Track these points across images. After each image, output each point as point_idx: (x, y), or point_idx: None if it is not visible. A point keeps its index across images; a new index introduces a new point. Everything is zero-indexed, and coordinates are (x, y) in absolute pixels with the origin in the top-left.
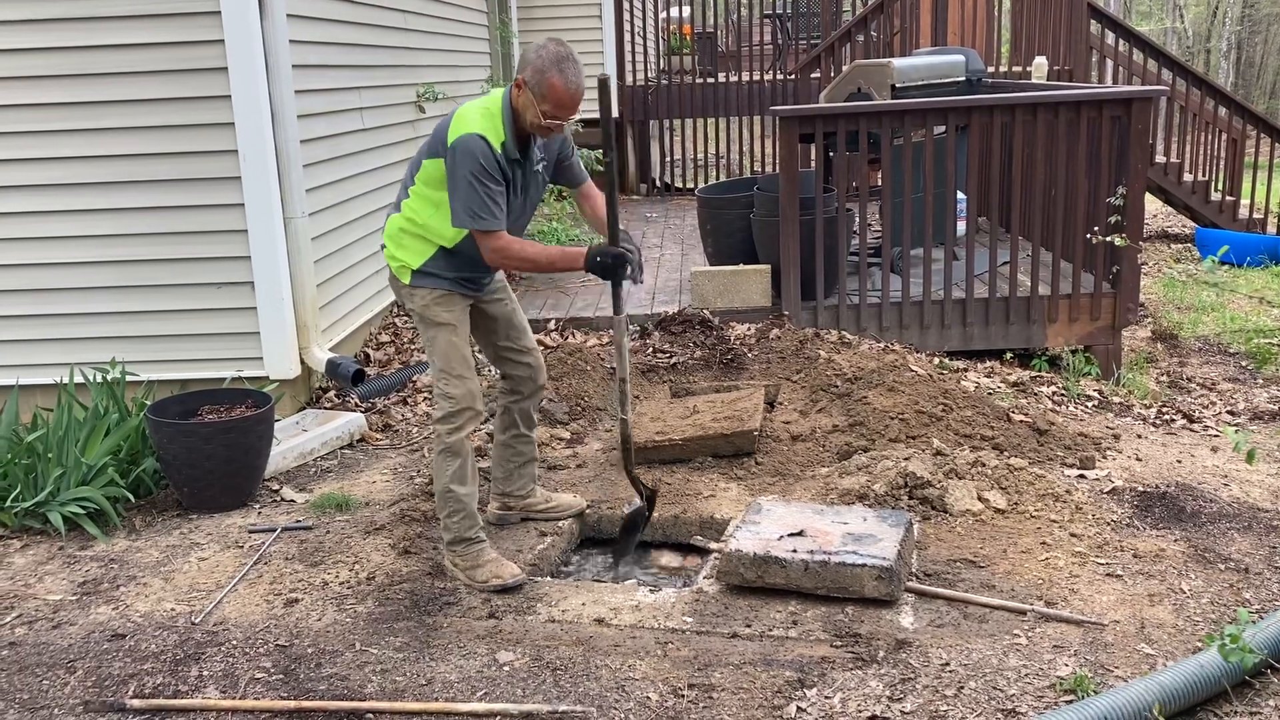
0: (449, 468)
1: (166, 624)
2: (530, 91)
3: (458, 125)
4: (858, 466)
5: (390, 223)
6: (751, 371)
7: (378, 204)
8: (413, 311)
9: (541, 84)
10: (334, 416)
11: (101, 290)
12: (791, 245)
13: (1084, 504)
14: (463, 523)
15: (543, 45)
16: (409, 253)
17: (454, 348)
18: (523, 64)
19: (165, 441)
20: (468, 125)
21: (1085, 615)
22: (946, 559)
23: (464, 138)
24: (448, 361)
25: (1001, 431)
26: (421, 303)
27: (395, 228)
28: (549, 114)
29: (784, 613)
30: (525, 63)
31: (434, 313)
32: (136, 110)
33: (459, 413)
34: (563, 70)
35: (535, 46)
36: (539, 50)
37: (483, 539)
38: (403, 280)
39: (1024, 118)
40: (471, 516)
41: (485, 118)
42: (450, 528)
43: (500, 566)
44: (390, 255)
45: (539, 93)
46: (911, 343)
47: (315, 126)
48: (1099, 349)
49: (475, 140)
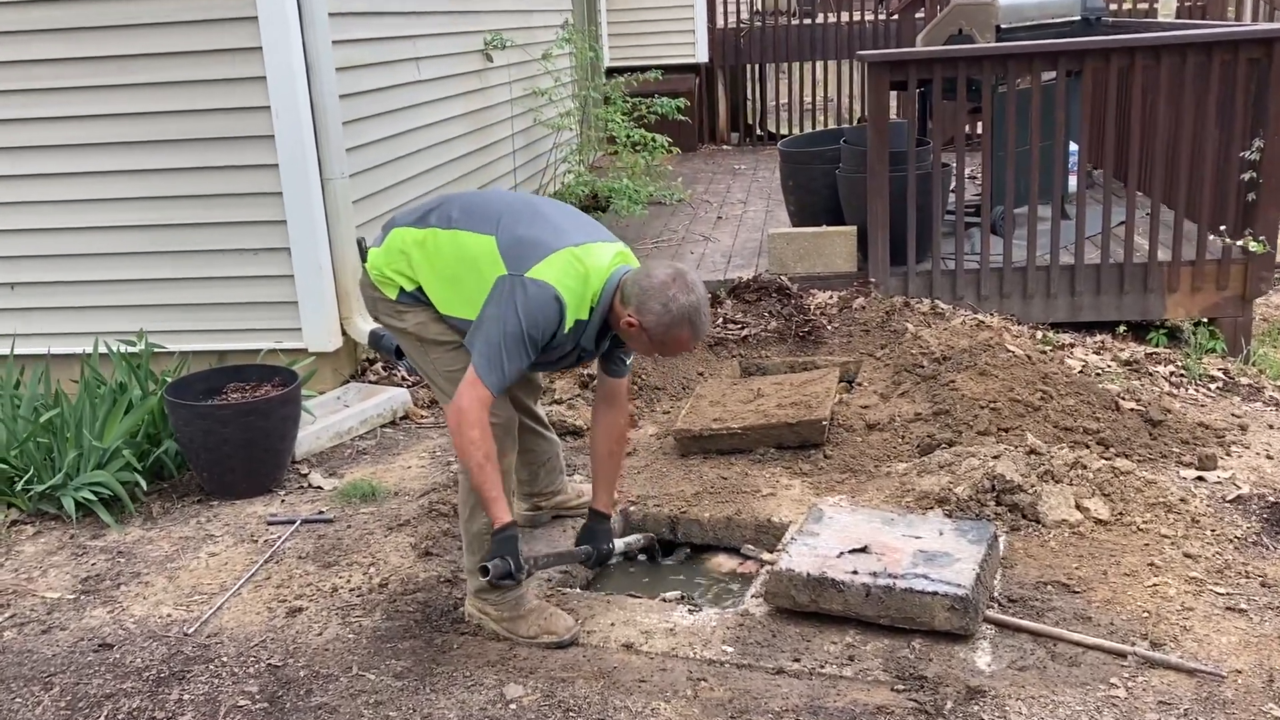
0: (475, 504)
1: (159, 633)
2: (648, 336)
3: (547, 272)
4: (939, 464)
5: (399, 237)
6: (830, 346)
7: (436, 160)
8: (402, 331)
9: (666, 337)
10: (377, 392)
11: (131, 256)
12: (880, 204)
13: (1202, 516)
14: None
15: (665, 290)
16: (404, 276)
17: (465, 363)
18: (639, 303)
19: (182, 424)
20: (554, 276)
21: (1200, 662)
22: (1035, 581)
23: (542, 286)
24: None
25: (1108, 423)
26: (416, 321)
27: (399, 247)
28: (664, 355)
29: (839, 645)
30: (643, 306)
31: (434, 331)
32: (162, 64)
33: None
34: (693, 323)
35: (657, 287)
36: (663, 301)
37: (521, 581)
38: (386, 293)
39: (1145, 61)
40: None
41: (577, 289)
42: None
43: (549, 618)
44: (379, 265)
45: (660, 341)
46: (1013, 313)
47: (359, 79)
48: (1225, 321)
49: (550, 301)
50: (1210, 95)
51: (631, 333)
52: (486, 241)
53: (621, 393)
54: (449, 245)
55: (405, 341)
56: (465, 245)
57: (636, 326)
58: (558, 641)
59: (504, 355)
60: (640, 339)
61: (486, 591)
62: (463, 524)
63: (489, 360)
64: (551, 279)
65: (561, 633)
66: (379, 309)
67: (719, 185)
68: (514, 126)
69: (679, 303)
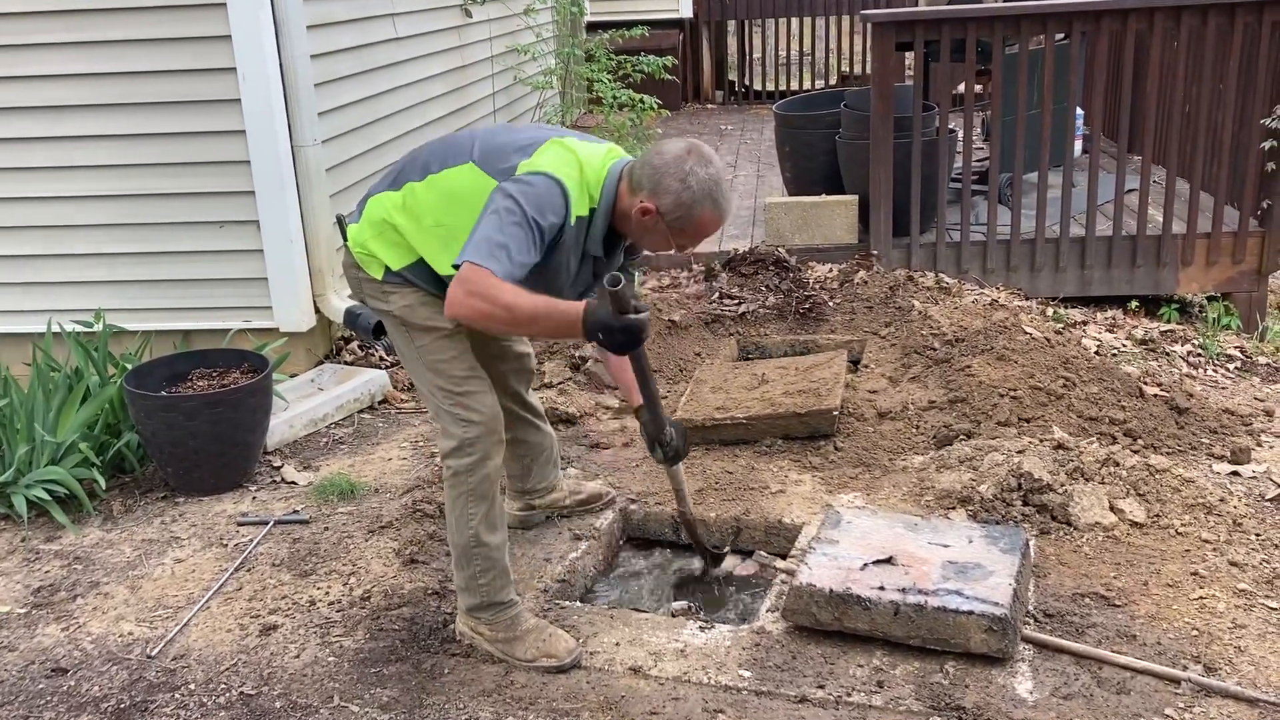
0: (473, 514)
1: (119, 655)
2: (666, 223)
3: (543, 160)
4: (959, 459)
5: (376, 205)
6: (832, 323)
7: (415, 122)
8: (388, 314)
9: (687, 220)
10: (354, 374)
11: (86, 228)
12: (883, 172)
13: (1243, 518)
14: (494, 583)
15: (680, 164)
16: (386, 252)
17: (455, 353)
18: (654, 183)
19: (143, 416)
20: (553, 167)
21: (1261, 690)
22: (1072, 592)
23: (536, 174)
24: (449, 372)
25: (1134, 412)
26: (403, 304)
27: (380, 216)
28: (685, 246)
29: (867, 668)
30: (659, 186)
31: (422, 315)
32: (117, 21)
33: (478, 440)
34: (715, 200)
35: (670, 162)
36: (679, 176)
37: (517, 600)
38: (370, 272)
39: (1164, 23)
40: (505, 574)
41: (575, 176)
42: (476, 590)
43: (548, 639)
44: (361, 241)
45: (680, 227)
46: (1020, 287)
47: (333, 37)
48: (1240, 297)
49: (551, 185)
50: (1231, 59)
51: (647, 223)
52: (465, 169)
53: None
54: (430, 194)
55: (391, 326)
56: (446, 184)
57: (653, 213)
58: (558, 665)
59: (507, 240)
60: (657, 229)
61: (480, 609)
62: (451, 534)
63: (487, 246)
64: (546, 167)
65: (562, 655)
66: (364, 290)
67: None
68: (494, 85)
69: (698, 176)
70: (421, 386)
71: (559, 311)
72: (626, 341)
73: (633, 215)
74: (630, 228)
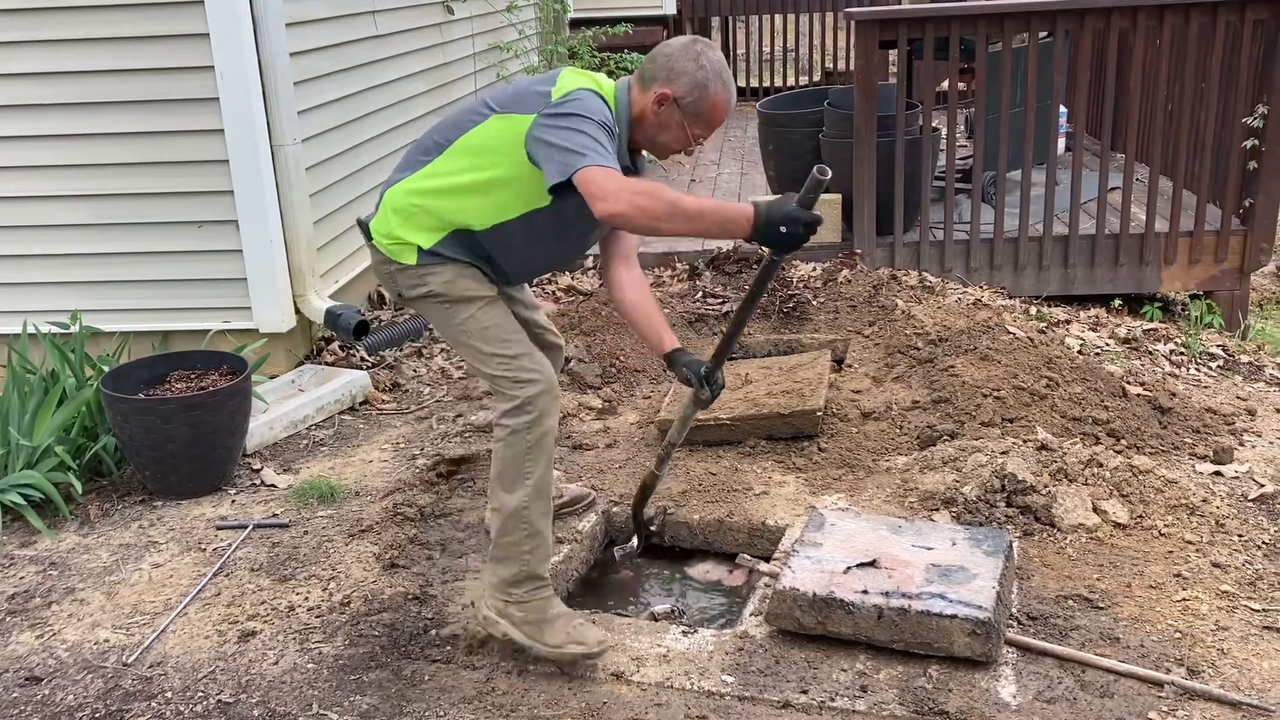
0: (529, 472)
1: (94, 663)
2: (681, 109)
3: (570, 81)
4: (943, 460)
5: (396, 194)
6: (816, 322)
7: (397, 120)
8: (427, 297)
9: (703, 101)
10: (335, 375)
11: (63, 228)
12: (866, 171)
13: (1226, 519)
14: (536, 552)
15: (690, 48)
16: (415, 232)
17: (499, 319)
18: (668, 70)
19: (120, 419)
20: (584, 84)
21: (1243, 693)
22: (1055, 594)
23: (583, 92)
24: (498, 337)
25: (1117, 412)
26: (444, 280)
27: (403, 203)
28: (700, 135)
29: (850, 673)
30: (673, 70)
31: (462, 287)
32: (93, 19)
33: (537, 397)
34: (725, 82)
35: (680, 48)
36: (692, 57)
37: (550, 581)
38: (403, 260)
39: (1147, 22)
40: (548, 546)
41: (599, 91)
42: (516, 558)
43: (579, 626)
44: (387, 232)
45: (696, 110)
46: (1003, 285)
47: (313, 35)
48: (1222, 295)
49: (592, 97)
50: (1214, 58)
51: (663, 114)
52: (490, 123)
53: (631, 240)
54: (454, 160)
55: (432, 310)
56: (473, 142)
57: (670, 98)
58: (587, 653)
59: (600, 141)
60: (672, 118)
61: (517, 582)
62: (498, 496)
63: (590, 149)
64: (578, 84)
65: (592, 644)
66: (399, 282)
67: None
68: (477, 83)
69: (709, 57)
70: (472, 360)
71: (723, 208)
72: (803, 236)
73: (649, 111)
74: (645, 130)
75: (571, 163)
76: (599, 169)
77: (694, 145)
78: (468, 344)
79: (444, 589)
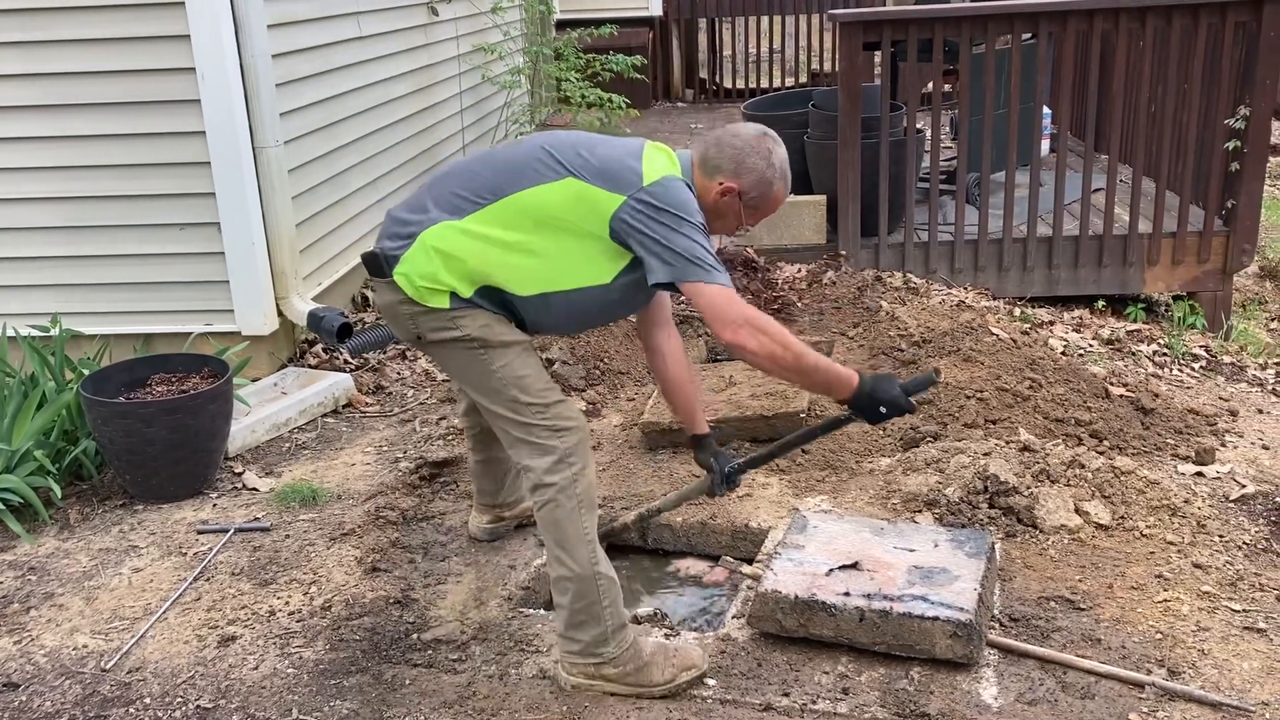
0: (588, 528)
1: (73, 669)
2: (743, 202)
3: (658, 164)
4: (926, 461)
5: (439, 236)
6: (800, 324)
7: (379, 123)
8: (458, 342)
9: (765, 198)
10: (318, 377)
11: (43, 230)
12: (851, 173)
13: (1208, 519)
14: (617, 600)
15: (761, 144)
16: (460, 281)
17: (535, 367)
18: (736, 163)
19: (100, 423)
20: (663, 167)
21: (1223, 693)
22: (1037, 595)
23: (677, 184)
24: (535, 386)
25: (1100, 413)
26: (480, 324)
27: (454, 247)
28: (750, 224)
29: (832, 675)
30: (742, 166)
31: (499, 332)
32: (74, 20)
33: (577, 446)
34: (787, 180)
35: (751, 144)
36: (763, 155)
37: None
38: (432, 305)
39: (1129, 24)
40: (618, 585)
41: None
42: (600, 617)
43: (677, 652)
44: (427, 274)
45: (755, 205)
46: (987, 287)
47: (295, 37)
48: (1205, 296)
49: (683, 188)
50: (1195, 60)
51: (724, 204)
52: (563, 185)
53: (669, 305)
54: (517, 214)
55: (459, 356)
56: (535, 202)
57: (734, 192)
58: (700, 674)
59: (709, 251)
60: (731, 208)
61: (603, 642)
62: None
63: (700, 259)
64: (663, 170)
65: (700, 662)
66: (421, 325)
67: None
68: (461, 84)
69: (779, 155)
70: (505, 409)
71: (834, 373)
72: (890, 418)
73: (708, 199)
74: (706, 209)
75: (690, 274)
76: (723, 290)
77: (743, 231)
78: (502, 392)
79: (426, 593)
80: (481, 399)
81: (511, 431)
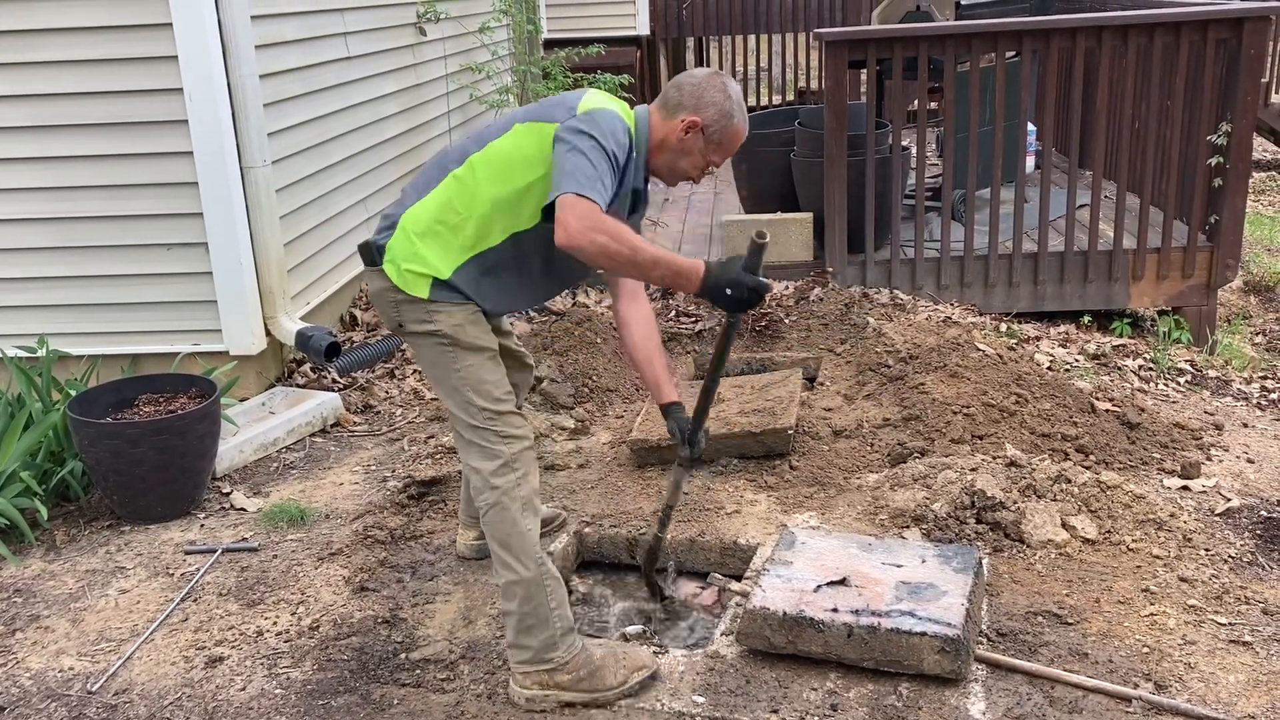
0: (530, 529)
1: (59, 691)
2: (706, 136)
3: (593, 101)
4: (913, 477)
5: (413, 215)
6: (788, 340)
7: (367, 142)
8: (431, 335)
9: (726, 131)
10: (305, 397)
11: (30, 251)
12: (837, 190)
13: (1193, 533)
14: (564, 603)
15: (711, 81)
16: (439, 254)
17: (498, 375)
18: (696, 99)
19: (87, 444)
20: (601, 102)
21: (1210, 707)
22: (1025, 610)
23: (608, 112)
24: (492, 394)
25: (1086, 428)
26: (453, 323)
27: (427, 220)
28: (715, 163)
29: (820, 692)
30: (701, 100)
31: (471, 335)
32: (62, 41)
33: (522, 454)
34: (744, 113)
35: (706, 79)
36: (719, 88)
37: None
38: (416, 293)
39: (1112, 41)
40: (564, 586)
41: (622, 112)
42: (549, 620)
43: (628, 655)
44: (408, 253)
45: (719, 139)
46: (974, 303)
47: (283, 57)
48: (1190, 311)
49: (614, 117)
50: (1178, 77)
51: (688, 141)
52: (516, 132)
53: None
54: (482, 168)
55: (430, 350)
56: (499, 151)
57: (696, 126)
58: (652, 673)
59: (600, 173)
60: (695, 144)
61: (552, 646)
62: (511, 567)
63: (585, 177)
64: (609, 107)
65: (649, 662)
66: (403, 314)
67: None
68: (449, 104)
69: (733, 88)
70: (458, 409)
71: (677, 263)
72: (750, 300)
73: (672, 138)
74: (664, 156)
75: (561, 185)
76: (583, 202)
77: (708, 171)
78: (459, 392)
79: (414, 612)
80: (442, 395)
81: (464, 433)
